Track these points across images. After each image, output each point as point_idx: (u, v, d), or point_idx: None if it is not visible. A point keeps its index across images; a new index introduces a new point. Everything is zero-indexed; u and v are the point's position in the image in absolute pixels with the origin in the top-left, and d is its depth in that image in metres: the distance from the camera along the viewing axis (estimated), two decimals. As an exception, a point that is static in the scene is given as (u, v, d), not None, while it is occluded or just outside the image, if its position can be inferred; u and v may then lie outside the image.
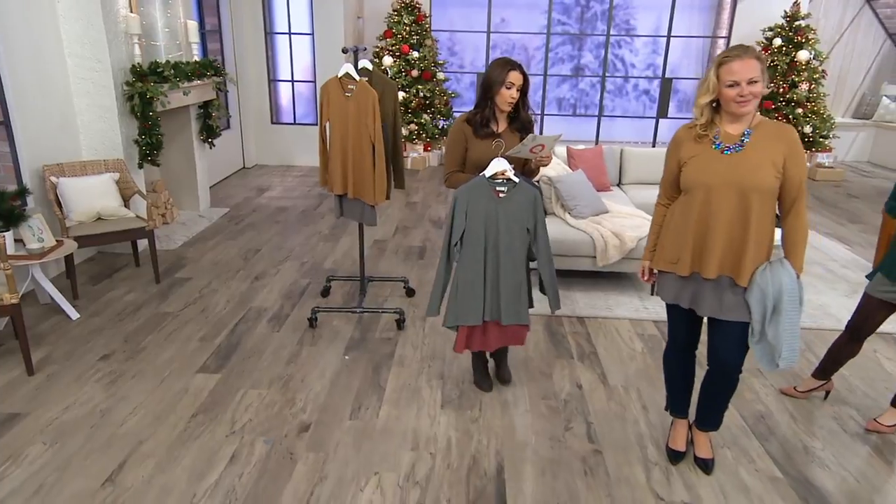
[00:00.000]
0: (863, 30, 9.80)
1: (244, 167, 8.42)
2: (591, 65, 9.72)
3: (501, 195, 2.75)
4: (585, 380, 3.32)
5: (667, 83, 9.26)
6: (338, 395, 3.12)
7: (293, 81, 8.43)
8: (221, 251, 5.15)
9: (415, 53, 8.26)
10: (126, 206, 4.50)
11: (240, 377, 3.27)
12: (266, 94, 8.33)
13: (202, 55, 6.69)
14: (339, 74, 3.50)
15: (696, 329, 2.54)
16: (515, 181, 2.75)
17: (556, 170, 4.95)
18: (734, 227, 2.23)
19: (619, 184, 5.85)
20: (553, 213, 4.63)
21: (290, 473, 2.56)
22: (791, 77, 8.26)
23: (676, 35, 9.19)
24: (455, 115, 8.70)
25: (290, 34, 8.19)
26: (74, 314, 3.86)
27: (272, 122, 8.49)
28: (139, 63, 4.81)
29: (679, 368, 2.64)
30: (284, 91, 8.50)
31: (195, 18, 6.06)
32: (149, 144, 4.86)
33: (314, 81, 8.28)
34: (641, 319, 4.03)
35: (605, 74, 9.51)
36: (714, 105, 2.25)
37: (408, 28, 8.26)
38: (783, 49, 8.34)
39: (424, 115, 8.41)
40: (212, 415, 2.94)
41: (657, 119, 9.55)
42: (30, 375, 3.22)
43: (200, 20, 6.94)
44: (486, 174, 2.74)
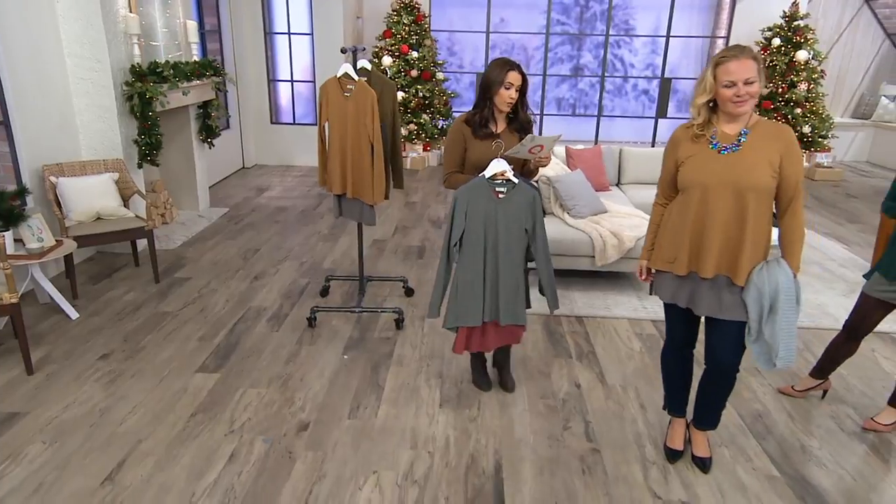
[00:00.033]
0: (861, 30, 9.81)
1: (243, 167, 8.43)
2: (591, 65, 9.73)
3: (501, 196, 2.75)
4: (584, 379, 3.33)
5: (666, 83, 9.27)
6: (336, 395, 3.13)
7: (292, 81, 8.43)
8: (221, 251, 5.16)
9: (414, 53, 8.26)
10: (125, 206, 4.51)
11: (239, 376, 3.28)
12: (265, 94, 8.33)
13: (201, 55, 6.69)
14: (338, 74, 3.51)
15: (694, 328, 2.55)
16: (515, 182, 2.76)
17: (555, 169, 4.95)
18: (731, 227, 2.24)
19: (618, 184, 5.85)
20: (552, 213, 4.63)
21: (289, 472, 2.57)
22: (790, 77, 8.26)
23: (675, 35, 9.20)
24: (454, 115, 8.70)
25: (290, 34, 8.19)
26: (74, 314, 3.87)
27: (271, 122, 8.49)
28: (138, 63, 4.82)
29: (677, 367, 2.66)
30: (284, 91, 8.50)
31: (194, 18, 6.07)
32: (148, 144, 4.86)
33: (313, 81, 8.28)
34: (640, 319, 4.04)
35: (605, 74, 9.52)
36: (711, 105, 2.26)
37: (407, 28, 8.26)
38: (782, 49, 8.34)
39: (424, 115, 8.42)
40: (211, 414, 2.95)
41: (656, 119, 9.56)
42: (29, 375, 3.23)
43: (200, 20, 6.94)
44: (486, 175, 2.74)
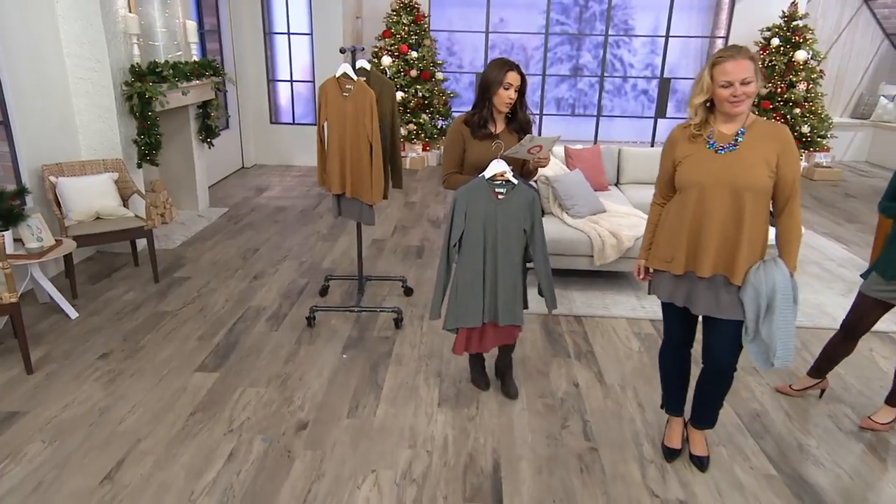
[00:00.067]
0: (860, 30, 9.81)
1: (243, 167, 8.43)
2: (590, 65, 9.74)
3: (500, 197, 2.76)
4: (582, 378, 3.34)
5: (665, 83, 9.28)
6: (335, 394, 3.14)
7: (292, 81, 8.44)
8: (220, 251, 5.17)
9: (413, 53, 8.27)
10: (125, 206, 4.51)
11: (238, 376, 3.28)
12: (265, 94, 8.34)
13: (201, 55, 6.70)
14: (337, 74, 3.51)
15: (692, 327, 2.56)
16: (514, 183, 2.76)
17: (554, 169, 4.96)
18: (728, 227, 2.24)
19: (617, 183, 5.86)
20: (551, 213, 4.64)
21: (288, 471, 2.58)
22: (789, 77, 8.27)
23: (675, 35, 9.20)
24: (454, 116, 8.71)
25: (289, 34, 8.19)
26: (73, 313, 3.88)
27: (271, 122, 8.50)
28: (138, 63, 4.83)
29: (675, 366, 2.66)
30: (283, 91, 8.51)
31: (194, 18, 6.07)
32: (148, 144, 4.87)
33: (313, 81, 8.29)
34: (638, 318, 4.05)
35: (604, 74, 9.53)
36: (708, 105, 2.27)
37: (407, 28, 8.27)
38: (781, 49, 8.34)
39: (423, 115, 8.42)
40: (210, 413, 2.95)
41: (655, 119, 9.57)
42: (29, 374, 3.24)
43: (199, 20, 6.95)
44: (486, 176, 2.74)
